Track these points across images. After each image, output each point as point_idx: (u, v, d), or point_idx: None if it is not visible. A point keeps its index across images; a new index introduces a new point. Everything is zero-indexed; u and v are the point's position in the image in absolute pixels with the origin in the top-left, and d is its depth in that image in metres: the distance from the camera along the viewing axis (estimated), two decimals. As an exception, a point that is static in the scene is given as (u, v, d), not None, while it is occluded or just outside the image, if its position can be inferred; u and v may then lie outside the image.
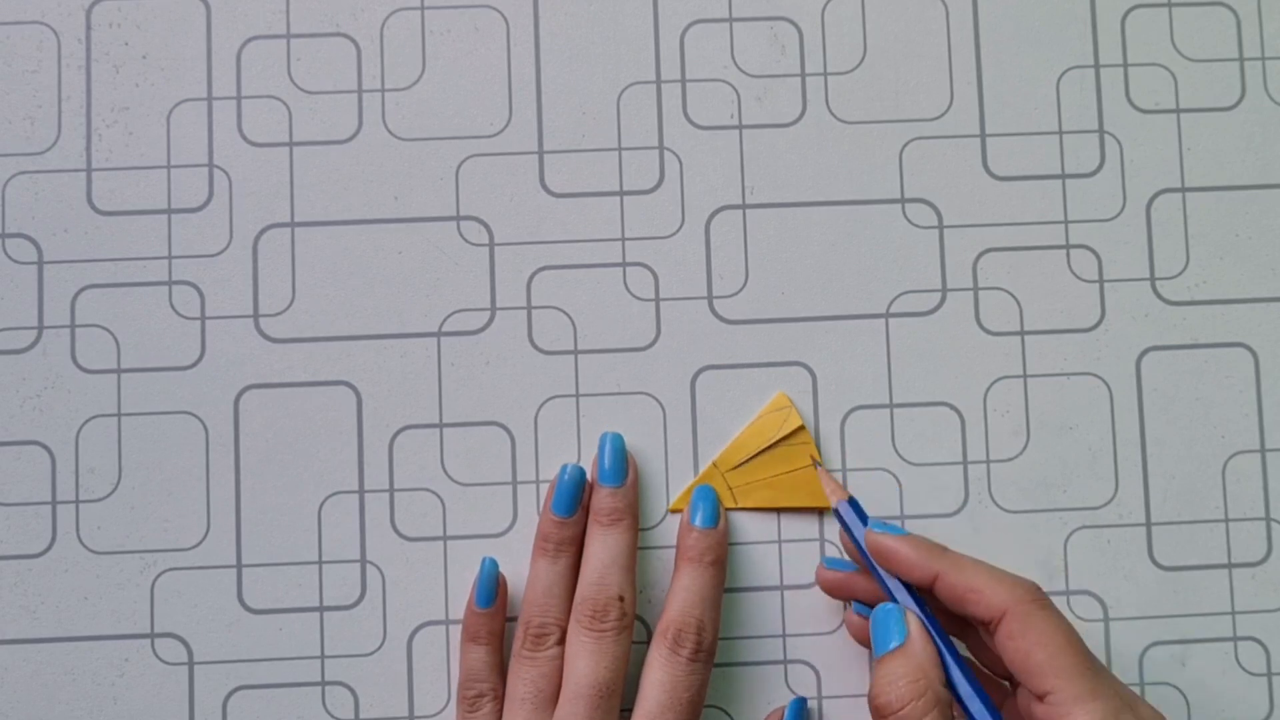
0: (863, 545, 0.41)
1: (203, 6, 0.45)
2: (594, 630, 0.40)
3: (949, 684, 0.38)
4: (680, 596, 0.41)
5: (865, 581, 0.42)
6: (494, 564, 0.43)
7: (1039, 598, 0.38)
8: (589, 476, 0.43)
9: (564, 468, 0.43)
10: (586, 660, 0.40)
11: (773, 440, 0.44)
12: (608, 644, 0.40)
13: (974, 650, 0.42)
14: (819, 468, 0.43)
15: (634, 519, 0.43)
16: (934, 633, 0.39)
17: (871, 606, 0.40)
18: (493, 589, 0.42)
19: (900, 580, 0.40)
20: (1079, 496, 0.44)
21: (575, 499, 0.43)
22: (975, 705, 0.38)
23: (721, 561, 0.42)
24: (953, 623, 0.41)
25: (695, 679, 0.40)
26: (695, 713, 0.41)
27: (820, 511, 0.44)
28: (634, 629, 0.42)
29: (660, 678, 0.40)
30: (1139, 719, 0.36)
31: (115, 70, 0.45)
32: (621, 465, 0.43)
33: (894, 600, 0.40)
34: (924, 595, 0.40)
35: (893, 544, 0.40)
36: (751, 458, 0.44)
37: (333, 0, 0.45)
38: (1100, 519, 0.44)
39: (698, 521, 0.43)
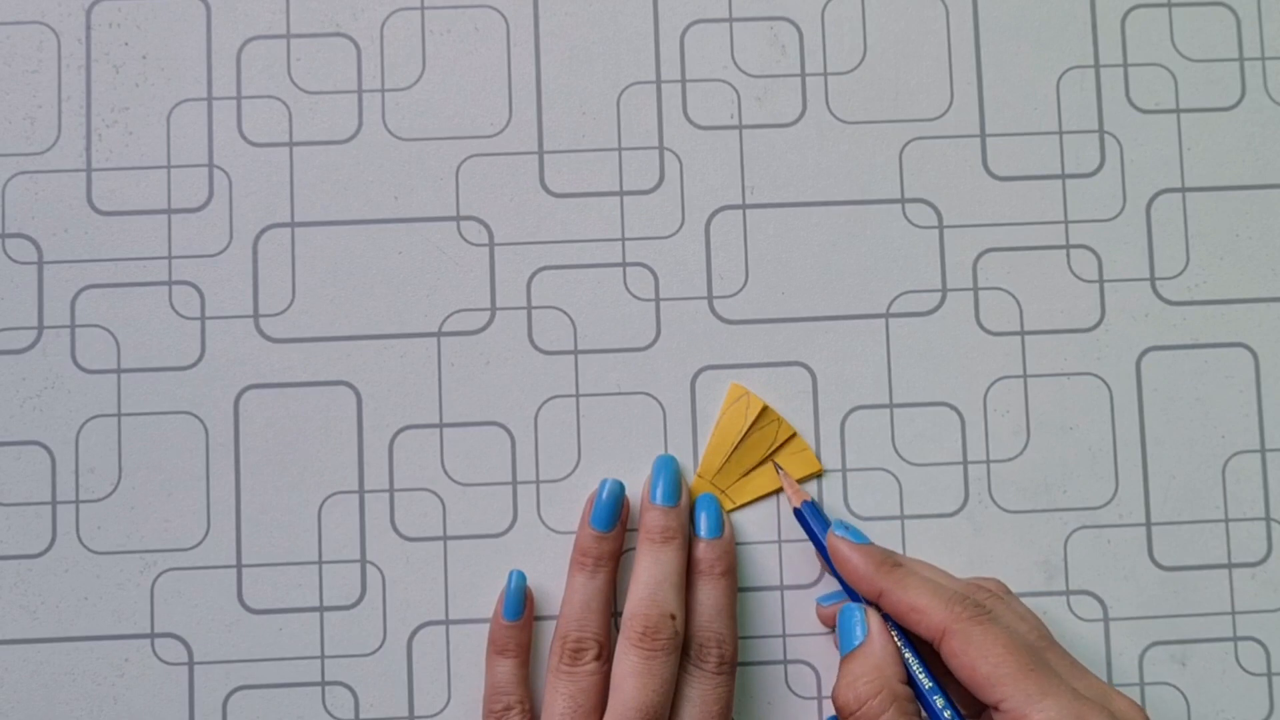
0: (824, 547, 0.42)
1: (203, 6, 0.45)
2: (644, 648, 0.40)
3: (910, 680, 0.39)
4: (696, 611, 0.42)
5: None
6: (522, 576, 0.43)
7: (977, 614, 0.38)
8: (628, 492, 0.43)
9: (603, 483, 0.43)
10: (635, 682, 0.40)
11: (744, 431, 0.44)
12: (658, 665, 0.40)
13: None
14: (780, 471, 0.44)
15: (684, 540, 0.43)
16: (896, 629, 0.40)
17: None
18: (521, 601, 0.42)
19: None
20: (1079, 496, 0.44)
21: (615, 514, 0.43)
22: (929, 699, 0.39)
23: (732, 570, 0.43)
24: None
25: (722, 690, 0.41)
26: None
27: (819, 490, 0.44)
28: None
29: (690, 694, 0.41)
30: (1104, 712, 0.36)
31: (115, 70, 0.45)
32: (677, 487, 0.43)
33: (855, 599, 0.41)
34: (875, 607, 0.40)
35: (847, 553, 0.41)
36: (730, 455, 0.44)
37: (333, 0, 0.45)
38: (1100, 519, 0.44)
39: (702, 531, 0.43)
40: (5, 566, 0.43)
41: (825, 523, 0.42)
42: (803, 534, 0.44)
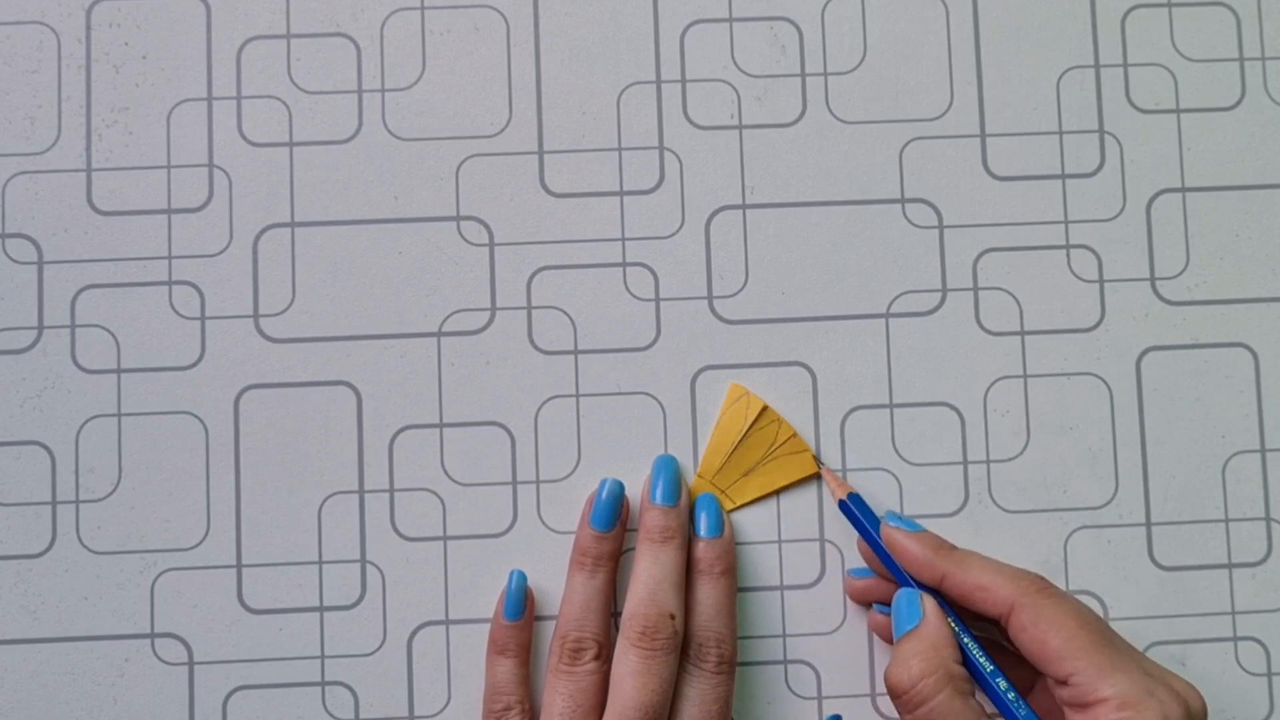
0: (874, 539, 0.42)
1: (203, 6, 0.45)
2: (643, 648, 0.40)
3: (966, 662, 0.39)
4: (696, 611, 0.42)
5: (890, 586, 0.42)
6: (523, 576, 0.43)
7: (1045, 587, 0.39)
8: (628, 492, 0.43)
9: (603, 482, 0.43)
10: (634, 681, 0.40)
11: (744, 431, 0.44)
12: (657, 664, 0.40)
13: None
14: (823, 466, 0.44)
15: (684, 540, 0.43)
16: (950, 613, 0.40)
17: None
18: (522, 601, 0.43)
19: None
20: (1079, 496, 0.44)
21: (615, 513, 0.43)
22: (990, 681, 0.39)
23: (732, 569, 0.43)
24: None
25: (722, 690, 0.41)
26: None
27: (819, 490, 0.44)
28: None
29: (689, 693, 0.41)
30: (1171, 690, 0.37)
31: (115, 70, 0.45)
32: (677, 487, 0.43)
33: (910, 585, 0.41)
34: (934, 592, 0.40)
35: (904, 542, 0.41)
36: (730, 455, 0.44)
37: (333, 0, 0.45)
38: (1100, 519, 0.44)
39: (702, 531, 0.43)
40: (5, 566, 0.43)
41: (872, 513, 0.42)
42: (803, 534, 0.44)
